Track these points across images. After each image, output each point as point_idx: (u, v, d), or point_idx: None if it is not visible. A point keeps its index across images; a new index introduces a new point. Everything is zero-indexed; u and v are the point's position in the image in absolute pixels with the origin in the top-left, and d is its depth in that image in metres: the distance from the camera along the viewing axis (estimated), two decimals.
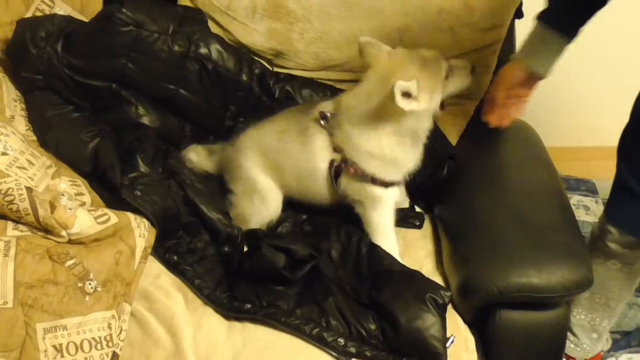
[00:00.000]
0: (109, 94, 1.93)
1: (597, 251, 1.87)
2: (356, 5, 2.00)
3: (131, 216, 1.65)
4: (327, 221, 1.87)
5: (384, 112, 1.67)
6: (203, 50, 1.96)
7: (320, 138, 1.76)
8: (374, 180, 1.74)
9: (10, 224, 1.55)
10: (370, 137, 1.71)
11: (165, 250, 1.72)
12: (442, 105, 1.73)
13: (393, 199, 1.79)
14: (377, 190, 1.75)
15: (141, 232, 1.64)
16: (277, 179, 1.85)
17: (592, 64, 2.79)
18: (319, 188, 1.81)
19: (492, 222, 1.70)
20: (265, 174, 1.85)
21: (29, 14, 1.95)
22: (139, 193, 1.71)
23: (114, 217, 1.61)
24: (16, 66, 1.88)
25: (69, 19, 1.96)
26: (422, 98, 1.62)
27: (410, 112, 1.61)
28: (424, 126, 1.73)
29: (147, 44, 1.90)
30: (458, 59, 1.77)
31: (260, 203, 1.86)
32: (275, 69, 2.10)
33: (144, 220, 1.67)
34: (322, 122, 1.75)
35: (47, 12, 1.99)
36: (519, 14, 2.02)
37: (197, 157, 1.97)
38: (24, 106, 1.87)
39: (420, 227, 1.92)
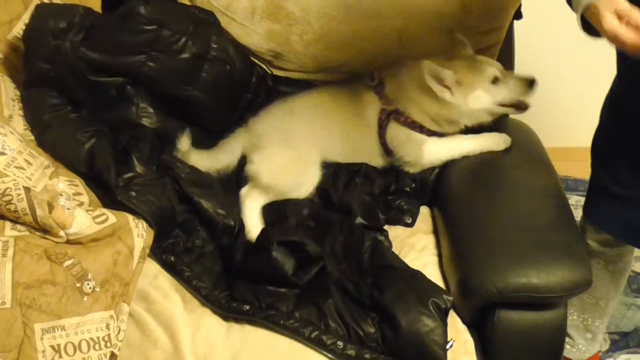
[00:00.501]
0: (116, 92, 1.92)
1: None
2: (355, 7, 2.00)
3: (129, 216, 1.65)
4: (330, 216, 1.86)
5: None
6: (221, 53, 1.97)
7: (368, 94, 1.96)
8: (421, 128, 1.91)
9: (8, 224, 1.55)
10: (426, 98, 1.88)
11: (163, 250, 1.71)
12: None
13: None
14: (420, 136, 1.91)
15: (139, 232, 1.63)
16: (326, 144, 1.96)
17: (590, 64, 2.79)
18: (367, 142, 1.96)
19: (492, 222, 1.70)
20: (310, 146, 1.94)
21: (27, 14, 1.92)
22: (134, 194, 1.70)
23: (112, 217, 1.61)
24: (30, 54, 1.84)
25: (90, 11, 1.92)
26: (456, 91, 1.84)
27: (449, 102, 1.85)
28: (464, 120, 1.92)
29: (168, 44, 1.90)
30: (518, 74, 1.90)
31: (303, 175, 1.91)
32: (274, 71, 2.10)
33: (142, 220, 1.67)
34: (370, 82, 1.96)
35: None
36: (518, 15, 2.01)
37: (187, 147, 1.92)
38: (22, 105, 1.86)
39: (411, 225, 1.91)
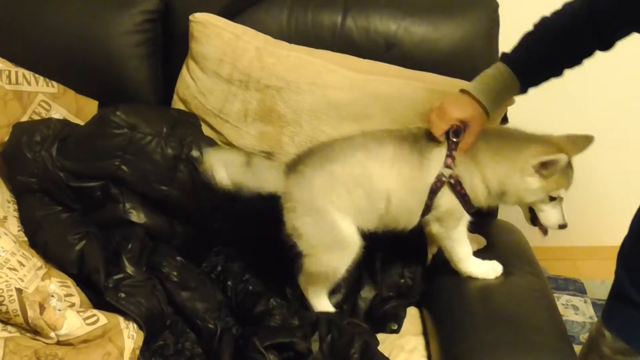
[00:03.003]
0: (101, 193, 1.95)
1: (593, 353, 1.85)
2: (345, 110, 2.03)
3: (120, 317, 1.65)
4: (316, 315, 1.84)
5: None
6: (195, 153, 1.99)
7: (439, 153, 1.74)
8: (467, 203, 1.75)
9: None
10: (495, 169, 1.74)
11: (152, 353, 1.70)
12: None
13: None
14: (462, 211, 1.77)
15: (130, 333, 1.63)
16: (363, 216, 1.79)
17: (577, 165, 2.84)
18: (415, 206, 1.77)
19: (481, 325, 1.70)
20: (346, 216, 1.77)
21: (25, 117, 1.99)
22: (123, 295, 1.70)
23: (103, 318, 1.61)
24: (11, 169, 1.92)
25: (64, 122, 2.00)
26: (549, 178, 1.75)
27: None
28: (512, 198, 1.76)
29: (141, 146, 1.94)
30: None
31: (340, 256, 1.78)
32: None
33: (132, 321, 1.67)
34: (451, 138, 1.72)
35: (44, 115, 2.04)
36: (504, 121, 2.05)
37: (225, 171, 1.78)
38: (17, 207, 1.90)
39: (397, 331, 1.88)
